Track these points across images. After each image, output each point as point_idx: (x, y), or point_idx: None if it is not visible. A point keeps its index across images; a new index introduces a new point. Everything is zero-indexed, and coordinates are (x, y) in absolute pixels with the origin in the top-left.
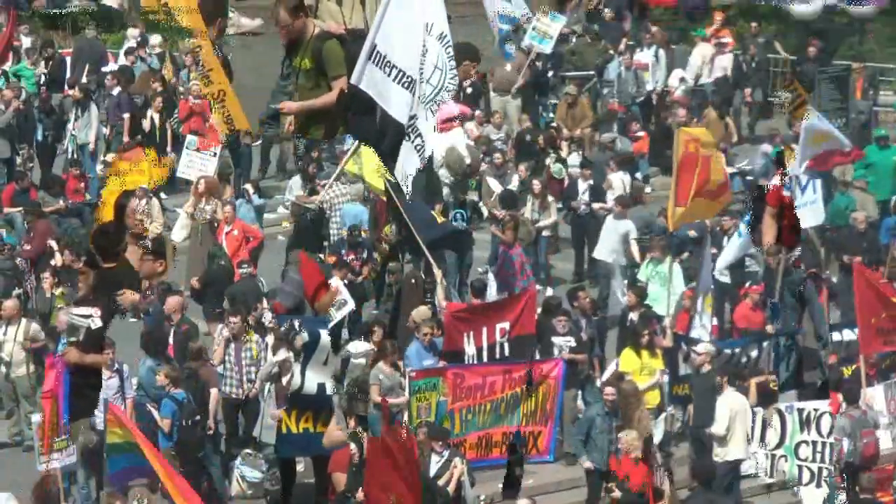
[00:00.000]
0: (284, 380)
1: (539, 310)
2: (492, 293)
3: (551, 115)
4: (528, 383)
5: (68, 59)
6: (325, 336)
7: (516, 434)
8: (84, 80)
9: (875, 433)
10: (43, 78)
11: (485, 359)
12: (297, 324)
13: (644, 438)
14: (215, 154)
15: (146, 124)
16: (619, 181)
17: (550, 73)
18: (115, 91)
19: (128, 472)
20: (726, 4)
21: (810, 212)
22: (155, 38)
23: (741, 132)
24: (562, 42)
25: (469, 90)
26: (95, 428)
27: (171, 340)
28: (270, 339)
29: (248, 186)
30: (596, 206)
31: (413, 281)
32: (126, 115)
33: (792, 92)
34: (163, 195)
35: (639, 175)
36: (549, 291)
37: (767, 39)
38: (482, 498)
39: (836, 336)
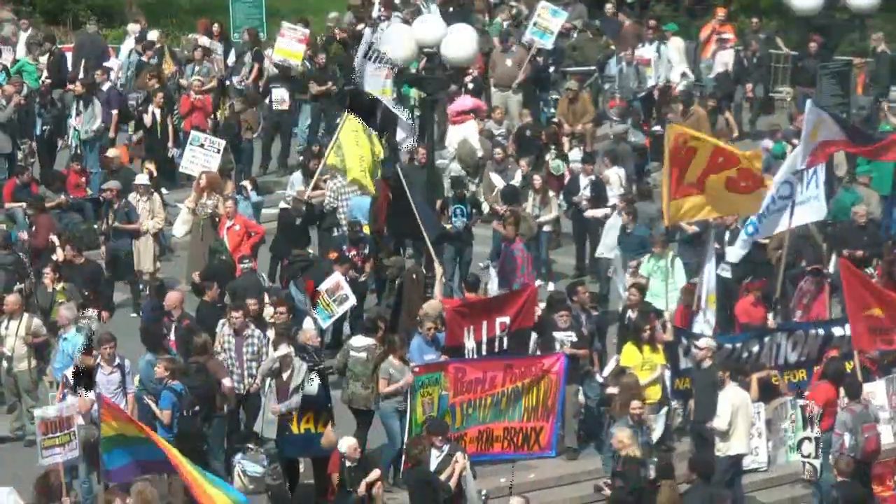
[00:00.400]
0: (285, 375)
1: (543, 305)
2: (493, 288)
3: (552, 110)
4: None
5: (69, 55)
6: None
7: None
8: (81, 75)
9: (876, 427)
10: (45, 73)
11: (484, 353)
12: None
13: None
14: (218, 150)
15: (147, 120)
16: (615, 176)
17: (551, 69)
18: (105, 87)
19: (129, 469)
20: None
21: (812, 207)
22: (153, 34)
23: (742, 128)
24: (563, 37)
25: (470, 85)
26: (95, 422)
27: (172, 336)
28: (271, 333)
29: (247, 183)
30: (590, 213)
31: (414, 276)
32: (114, 112)
33: None
34: (164, 190)
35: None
36: (551, 286)
37: (769, 35)
38: (483, 493)
39: (838, 331)
